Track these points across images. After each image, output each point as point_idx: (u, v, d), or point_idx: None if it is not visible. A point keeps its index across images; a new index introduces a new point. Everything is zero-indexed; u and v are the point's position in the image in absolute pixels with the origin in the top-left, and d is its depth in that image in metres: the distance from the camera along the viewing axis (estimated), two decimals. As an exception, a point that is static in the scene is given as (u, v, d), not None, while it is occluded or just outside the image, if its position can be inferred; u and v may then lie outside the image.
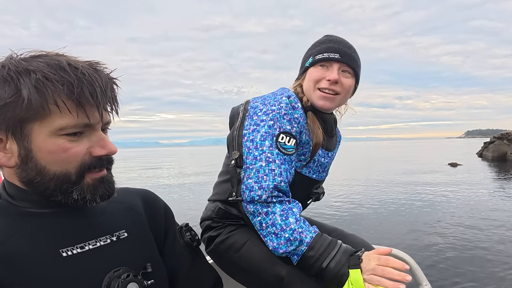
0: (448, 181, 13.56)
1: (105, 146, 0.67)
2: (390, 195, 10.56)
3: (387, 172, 18.25)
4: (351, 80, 1.13)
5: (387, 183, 13.54)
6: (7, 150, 0.63)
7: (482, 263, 4.72)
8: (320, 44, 1.16)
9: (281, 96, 1.08)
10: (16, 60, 0.61)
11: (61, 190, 0.65)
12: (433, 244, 5.57)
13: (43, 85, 0.59)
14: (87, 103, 0.62)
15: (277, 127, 1.02)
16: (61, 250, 0.64)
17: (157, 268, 0.78)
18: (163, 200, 0.93)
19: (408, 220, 7.33)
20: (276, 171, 0.97)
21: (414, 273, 1.26)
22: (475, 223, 6.82)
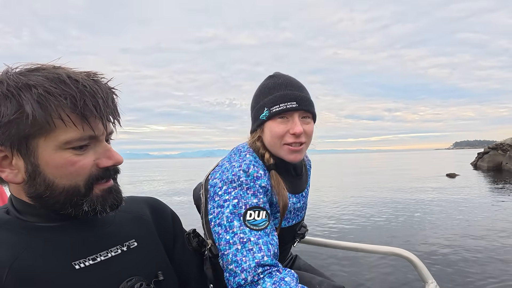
0: (451, 192, 13.38)
1: (111, 157, 0.68)
2: (398, 205, 10.22)
3: (388, 183, 17.95)
4: (312, 123, 1.10)
5: (392, 193, 13.23)
6: (13, 167, 0.63)
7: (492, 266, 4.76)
8: (271, 90, 1.08)
9: (239, 168, 1.00)
10: (13, 74, 0.61)
11: (71, 203, 0.65)
12: (447, 252, 5.47)
13: (45, 99, 0.59)
14: (91, 115, 0.62)
15: (242, 204, 0.95)
16: (74, 262, 0.64)
17: (169, 276, 0.78)
18: (170, 208, 0.93)
19: (420, 228, 7.30)
20: (254, 248, 0.89)
21: (420, 271, 1.25)
22: (486, 233, 6.69)
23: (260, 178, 1.01)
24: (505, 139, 27.22)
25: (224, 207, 0.95)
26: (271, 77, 1.13)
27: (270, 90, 1.08)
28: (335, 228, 7.65)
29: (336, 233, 7.21)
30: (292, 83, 1.09)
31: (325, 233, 7.22)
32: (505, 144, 25.97)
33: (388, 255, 1.34)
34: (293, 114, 1.04)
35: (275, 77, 1.11)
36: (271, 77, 1.13)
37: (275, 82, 1.09)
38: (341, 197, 12.49)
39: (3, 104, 0.59)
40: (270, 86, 1.10)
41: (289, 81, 1.09)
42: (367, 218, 8.75)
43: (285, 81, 1.08)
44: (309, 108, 1.07)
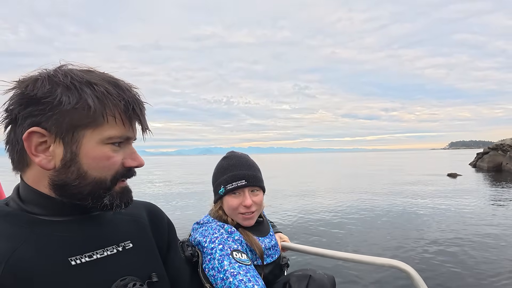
0: (456, 192, 13.16)
1: (136, 159, 0.74)
2: (402, 206, 10.02)
3: (391, 184, 17.73)
4: (261, 194, 1.31)
5: (396, 194, 13.01)
6: (49, 153, 0.66)
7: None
8: (225, 171, 1.30)
9: (216, 225, 1.22)
10: (77, 71, 0.67)
11: (94, 195, 0.69)
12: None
13: (104, 97, 0.66)
14: (135, 120, 0.72)
15: (227, 247, 1.11)
16: (70, 258, 0.65)
17: (162, 278, 0.80)
18: (166, 215, 0.96)
19: (420, 236, 7.00)
20: (245, 279, 1.01)
21: (417, 284, 1.25)
22: (498, 232, 6.64)
23: (233, 232, 1.22)
24: (504, 139, 27.01)
25: (213, 253, 1.10)
26: (225, 158, 1.36)
27: (225, 171, 1.30)
28: (330, 236, 7.27)
29: (332, 241, 6.89)
30: (242, 164, 1.31)
31: (321, 242, 6.87)
32: (505, 144, 25.75)
33: (385, 267, 1.32)
34: (244, 189, 1.27)
35: (228, 158, 1.35)
36: (225, 158, 1.36)
37: (228, 163, 1.32)
38: (338, 200, 12.15)
39: (65, 94, 0.64)
40: (224, 167, 1.32)
41: (239, 162, 1.31)
42: (368, 223, 8.39)
43: (236, 162, 1.31)
44: (256, 184, 1.29)
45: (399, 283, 4.50)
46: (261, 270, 1.24)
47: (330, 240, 6.91)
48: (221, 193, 1.28)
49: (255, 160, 1.37)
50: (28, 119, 0.64)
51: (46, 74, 0.66)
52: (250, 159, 1.35)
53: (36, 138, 0.64)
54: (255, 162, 1.37)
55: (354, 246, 6.33)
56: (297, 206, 10.63)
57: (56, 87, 0.64)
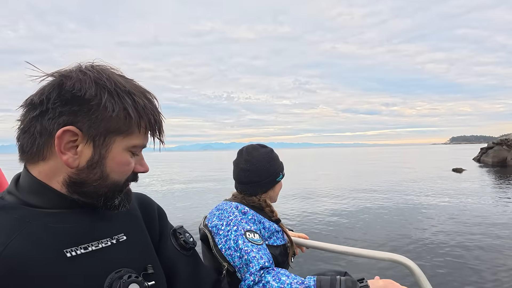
0: (463, 187, 12.95)
1: (144, 165, 0.79)
2: (409, 202, 9.81)
3: (396, 179, 17.53)
4: None
5: (402, 190, 12.79)
6: (75, 152, 0.67)
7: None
8: (278, 159, 1.51)
9: (230, 207, 1.33)
10: (117, 77, 0.70)
11: (108, 195, 0.72)
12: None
13: (142, 109, 0.70)
14: (155, 132, 0.76)
15: (241, 229, 1.22)
16: (65, 250, 0.65)
17: (157, 269, 0.80)
18: (156, 203, 0.96)
19: (425, 232, 6.87)
20: (257, 256, 1.14)
21: (418, 279, 1.24)
22: (496, 240, 6.26)
23: (247, 212, 1.32)
24: (508, 134, 26.79)
25: (229, 235, 1.22)
26: (269, 148, 1.52)
27: (278, 159, 1.54)
28: (333, 231, 7.15)
29: (333, 235, 6.76)
30: None
31: (322, 236, 6.76)
32: (510, 139, 25.53)
33: (386, 261, 1.31)
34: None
35: (269, 147, 1.53)
36: (269, 148, 1.52)
37: (274, 152, 1.54)
38: (341, 196, 12.04)
39: (109, 100, 0.66)
40: (275, 156, 1.53)
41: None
42: (376, 218, 8.23)
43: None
44: None
45: (400, 277, 4.31)
46: (272, 251, 1.31)
47: (333, 234, 6.81)
48: (280, 178, 1.49)
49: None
50: (64, 116, 0.64)
51: (91, 74, 0.67)
52: None
53: (68, 136, 0.65)
54: None
55: (359, 241, 6.21)
56: (298, 201, 10.47)
57: (102, 91, 0.66)
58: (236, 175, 1.48)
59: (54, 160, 0.67)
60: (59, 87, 0.65)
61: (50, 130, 0.65)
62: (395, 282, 1.07)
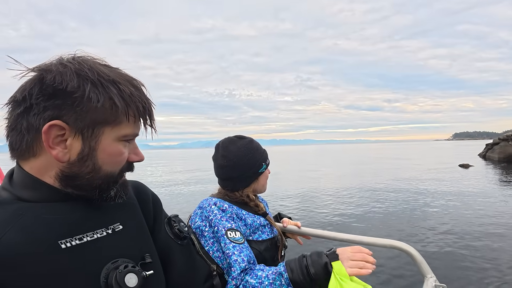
0: (471, 182, 12.83)
1: (138, 154, 0.77)
2: (418, 198, 9.70)
3: (403, 175, 17.43)
4: None
5: (411, 186, 12.67)
6: (65, 146, 0.66)
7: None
8: (259, 149, 1.42)
9: (209, 205, 1.28)
10: (100, 66, 0.68)
11: (102, 187, 0.71)
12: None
13: (129, 98, 0.68)
14: (146, 120, 0.74)
15: (221, 228, 1.20)
16: (60, 241, 0.64)
17: (155, 259, 0.79)
18: (151, 190, 0.95)
19: (431, 221, 7.00)
20: (238, 259, 1.13)
21: (419, 265, 1.25)
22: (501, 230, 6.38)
23: (225, 210, 1.28)
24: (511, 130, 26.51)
25: (213, 237, 1.22)
26: (248, 139, 1.44)
27: (259, 149, 1.44)
28: (340, 220, 7.23)
29: (339, 225, 6.88)
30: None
31: (324, 224, 6.89)
32: (517, 134, 25.30)
33: (386, 248, 1.32)
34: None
35: (248, 138, 1.45)
36: (248, 139, 1.44)
37: (254, 142, 1.45)
38: (348, 190, 12.02)
39: (93, 91, 0.64)
40: (255, 146, 1.44)
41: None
42: (383, 211, 8.13)
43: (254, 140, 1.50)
44: None
45: (400, 264, 4.49)
46: (257, 246, 1.29)
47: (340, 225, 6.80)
48: (264, 169, 1.41)
49: None
50: (49, 110, 0.63)
51: (72, 66, 0.65)
52: None
53: (55, 131, 0.64)
54: None
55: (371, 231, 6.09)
56: (300, 194, 10.37)
57: (84, 82, 0.64)
58: (215, 172, 1.42)
59: (45, 156, 0.66)
60: (40, 82, 0.63)
61: (37, 126, 0.64)
62: (363, 248, 1.11)
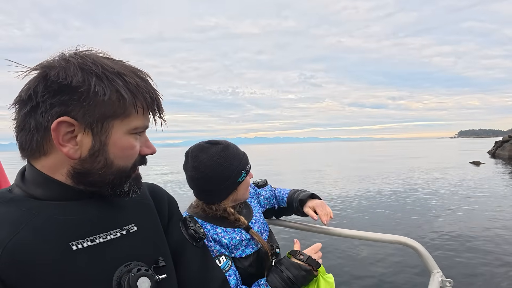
0: (485, 180, 12.64)
1: (150, 146, 0.75)
2: (432, 195, 9.54)
3: (414, 173, 17.24)
4: None
5: (424, 185, 12.50)
6: (75, 143, 0.65)
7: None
8: (238, 155, 1.24)
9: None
10: (104, 59, 0.66)
11: (115, 182, 0.69)
12: None
13: (135, 89, 0.66)
14: (154, 111, 0.72)
15: None
16: (71, 243, 0.63)
17: (169, 262, 0.77)
18: (166, 191, 0.94)
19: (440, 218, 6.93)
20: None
21: (425, 261, 1.25)
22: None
23: (208, 232, 1.16)
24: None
25: None
26: (224, 145, 1.25)
27: (238, 155, 1.26)
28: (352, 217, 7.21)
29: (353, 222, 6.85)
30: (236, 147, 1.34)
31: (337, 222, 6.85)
32: (527, 131, 24.96)
33: (392, 243, 1.32)
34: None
35: (225, 144, 1.26)
36: (224, 145, 1.25)
37: (233, 148, 1.27)
38: (359, 188, 11.89)
39: (99, 84, 0.63)
40: (233, 152, 1.25)
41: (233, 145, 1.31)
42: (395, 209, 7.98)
43: (232, 145, 1.29)
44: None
45: (407, 260, 4.38)
46: (241, 264, 1.18)
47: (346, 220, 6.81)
48: (243, 178, 1.24)
49: (262, 150, 1.29)
50: (56, 107, 0.62)
51: (75, 61, 0.63)
52: None
53: (64, 127, 0.63)
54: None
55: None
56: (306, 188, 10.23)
57: (89, 76, 0.63)
58: (188, 183, 1.26)
59: (56, 154, 0.65)
60: (44, 79, 0.62)
61: (45, 124, 0.62)
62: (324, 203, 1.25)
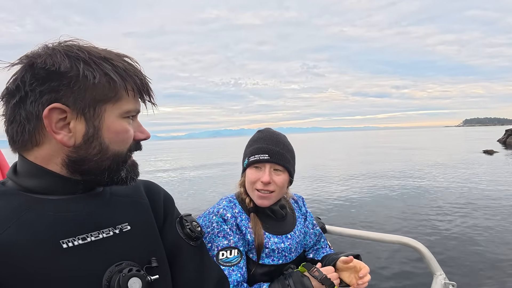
0: (503, 168, 12.08)
1: (144, 131, 0.75)
2: (451, 185, 8.93)
3: (429, 163, 16.56)
4: (283, 176, 1.20)
5: (439, 174, 11.91)
6: (69, 129, 0.64)
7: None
8: (253, 143, 1.23)
9: (212, 215, 1.15)
10: (89, 47, 0.66)
11: (112, 169, 0.68)
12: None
13: (124, 72, 0.66)
14: (145, 94, 0.72)
15: (214, 247, 1.09)
16: (62, 241, 0.61)
17: (162, 263, 0.76)
18: (163, 189, 0.92)
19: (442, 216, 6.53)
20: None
21: (428, 262, 1.25)
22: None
23: (227, 220, 1.13)
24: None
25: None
26: (259, 131, 1.28)
27: (252, 143, 1.24)
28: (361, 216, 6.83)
29: (358, 221, 6.55)
30: (272, 138, 1.21)
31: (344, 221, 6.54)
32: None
33: (395, 244, 1.30)
34: (265, 165, 1.17)
35: (261, 131, 1.27)
36: (259, 131, 1.28)
37: (258, 136, 1.24)
38: (364, 184, 11.37)
39: (87, 68, 0.62)
40: (254, 139, 1.25)
41: (269, 136, 1.22)
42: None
43: (266, 136, 1.23)
44: (280, 162, 1.18)
45: (409, 261, 4.31)
46: (254, 267, 1.14)
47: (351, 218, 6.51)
48: (245, 165, 1.24)
49: None
50: (46, 94, 0.61)
51: (60, 48, 0.63)
52: (284, 138, 1.25)
53: (56, 114, 0.62)
54: (291, 145, 1.28)
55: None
56: (310, 186, 9.78)
57: (76, 62, 0.62)
58: None
59: (49, 143, 0.64)
60: (31, 67, 0.61)
61: (36, 113, 0.61)
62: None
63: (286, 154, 1.21)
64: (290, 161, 1.22)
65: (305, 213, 1.39)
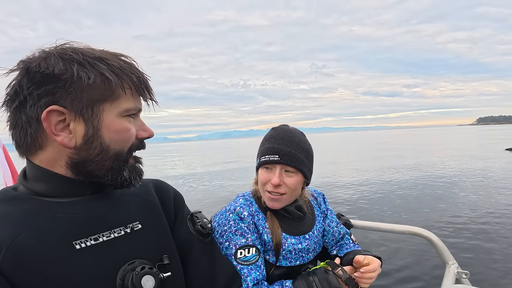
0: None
1: (147, 130, 0.74)
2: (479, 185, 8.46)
3: (453, 161, 15.94)
4: (295, 178, 1.14)
5: (469, 172, 11.40)
6: (69, 131, 0.65)
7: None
8: (265, 142, 1.19)
9: (229, 213, 1.12)
10: (85, 48, 0.67)
11: (114, 169, 0.69)
12: None
13: (120, 71, 0.67)
14: (144, 93, 0.72)
15: (232, 246, 1.06)
16: (75, 242, 0.63)
17: (174, 260, 0.77)
18: (172, 187, 0.93)
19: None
20: (243, 284, 1.00)
21: (440, 252, 1.24)
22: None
23: (244, 219, 1.10)
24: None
25: (222, 249, 1.06)
26: (272, 129, 1.23)
27: (265, 142, 1.18)
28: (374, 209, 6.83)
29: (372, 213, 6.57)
30: (284, 138, 1.15)
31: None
32: None
33: (407, 234, 1.29)
34: (275, 166, 1.12)
35: (274, 129, 1.21)
36: (272, 129, 1.23)
37: (271, 135, 1.18)
38: (388, 174, 10.88)
39: (81, 70, 0.63)
40: (266, 138, 1.20)
41: (282, 136, 1.16)
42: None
43: (279, 134, 1.16)
44: (291, 163, 1.12)
45: (421, 251, 4.26)
46: (270, 268, 1.12)
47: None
48: (257, 164, 1.20)
49: None
50: (43, 98, 0.62)
51: (54, 51, 0.64)
52: (299, 137, 1.17)
53: (55, 116, 0.63)
54: (309, 143, 1.19)
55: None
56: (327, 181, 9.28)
57: (70, 64, 0.63)
58: None
59: (52, 146, 0.65)
60: (27, 72, 0.62)
61: (36, 116, 0.62)
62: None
63: (298, 154, 1.14)
64: (304, 162, 1.15)
65: (324, 211, 1.35)
